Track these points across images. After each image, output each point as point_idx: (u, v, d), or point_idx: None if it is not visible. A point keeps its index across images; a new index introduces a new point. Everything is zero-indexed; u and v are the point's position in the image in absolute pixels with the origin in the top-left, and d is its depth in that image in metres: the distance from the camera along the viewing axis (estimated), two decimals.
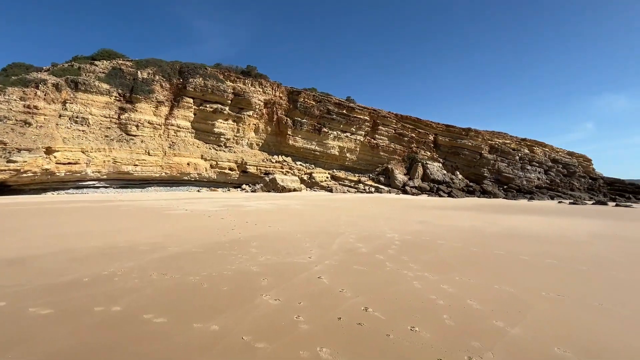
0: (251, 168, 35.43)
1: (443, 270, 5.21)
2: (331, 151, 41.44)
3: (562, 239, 8.63)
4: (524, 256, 6.31)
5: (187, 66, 35.49)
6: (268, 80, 39.76)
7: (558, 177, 43.01)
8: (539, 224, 11.98)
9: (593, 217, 15.05)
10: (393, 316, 3.38)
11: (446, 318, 3.36)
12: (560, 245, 7.68)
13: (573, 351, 2.73)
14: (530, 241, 8.09)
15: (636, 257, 6.52)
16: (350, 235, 8.31)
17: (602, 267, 5.59)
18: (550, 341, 2.90)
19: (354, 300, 3.83)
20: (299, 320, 3.26)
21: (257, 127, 38.97)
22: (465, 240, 8.05)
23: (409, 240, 7.89)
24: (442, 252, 6.65)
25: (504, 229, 10.34)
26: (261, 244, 7.03)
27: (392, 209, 17.20)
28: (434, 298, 3.93)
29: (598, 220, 13.63)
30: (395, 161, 43.04)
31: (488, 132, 45.57)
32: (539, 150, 46.06)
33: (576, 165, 45.90)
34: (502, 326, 3.19)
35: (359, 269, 5.17)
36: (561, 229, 10.53)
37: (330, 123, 40.90)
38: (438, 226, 10.68)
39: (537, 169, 43.76)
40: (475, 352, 2.70)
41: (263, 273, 4.84)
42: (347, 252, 6.44)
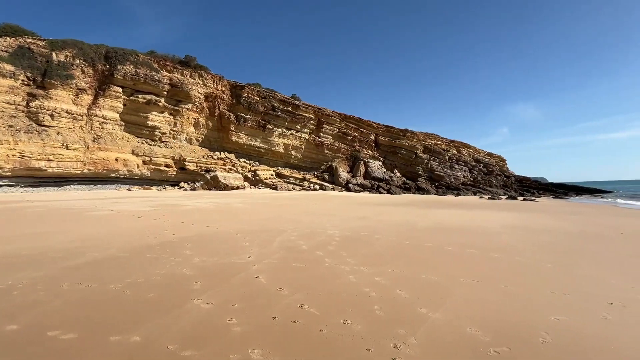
0: (190, 165, 33.43)
1: (378, 263, 5.49)
2: (276, 148, 41.01)
3: (481, 230, 9.71)
4: (449, 247, 6.96)
5: (115, 51, 32.02)
6: (209, 72, 37.79)
7: (480, 175, 48.31)
8: (463, 217, 13.32)
9: (505, 210, 17.23)
10: (327, 311, 3.46)
11: (377, 309, 3.53)
12: (478, 235, 8.63)
13: (482, 330, 3.07)
14: (454, 233, 8.95)
15: (534, 244, 7.61)
16: (292, 233, 8.31)
17: (508, 254, 6.41)
18: (464, 323, 3.23)
19: (290, 298, 3.83)
20: (231, 323, 3.15)
21: (197, 121, 36.86)
22: (400, 234, 8.60)
23: (348, 236, 8.16)
24: (378, 246, 7.01)
25: (433, 222, 11.28)
26: (197, 245, 6.66)
27: (335, 206, 17.65)
28: (367, 291, 4.11)
29: (509, 213, 15.63)
30: (339, 159, 44.19)
31: (422, 134, 49.24)
32: (464, 151, 51.18)
33: (494, 165, 52.02)
34: (425, 312, 3.46)
35: (298, 267, 5.20)
36: (480, 221, 11.84)
37: (275, 120, 40.42)
38: (377, 221, 11.23)
39: (463, 167, 48.60)
40: (400, 338, 2.88)
41: (196, 276, 4.59)
42: (288, 250, 6.43)
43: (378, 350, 2.69)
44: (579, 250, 7.00)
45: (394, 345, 2.77)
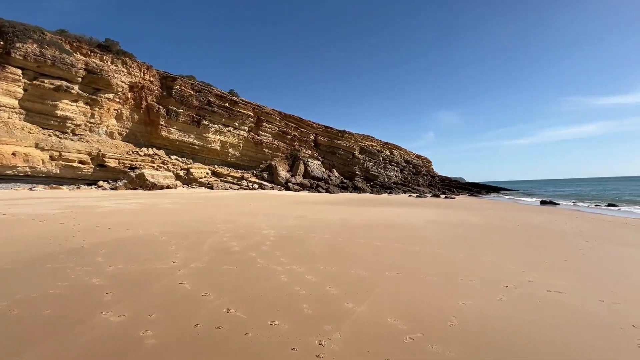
0: (111, 161, 29.99)
1: (310, 261, 5.55)
2: (212, 146, 39.04)
3: (407, 225, 10.50)
4: (378, 242, 7.37)
5: (13, 26, 27.11)
6: (135, 59, 34.31)
7: (409, 175, 52.32)
8: (393, 214, 14.26)
9: (429, 207, 18.93)
10: (255, 313, 3.37)
11: (306, 307, 3.56)
12: (405, 230, 9.31)
13: (401, 319, 3.30)
14: (384, 229, 9.52)
15: (451, 236, 8.49)
16: (225, 234, 7.97)
17: (429, 246, 7.04)
18: (386, 314, 3.43)
19: (216, 302, 3.64)
20: (146, 335, 2.87)
21: (120, 113, 33.23)
22: (334, 231, 8.84)
23: (284, 235, 8.11)
24: (313, 244, 7.10)
25: (366, 220, 11.85)
26: (113, 251, 5.97)
27: (273, 205, 17.45)
28: (298, 289, 4.12)
29: (432, 209, 17.21)
30: (279, 158, 43.88)
31: (359, 135, 51.49)
32: (397, 152, 54.93)
33: (422, 166, 56.84)
34: (351, 307, 3.59)
35: (228, 269, 4.99)
36: (408, 217, 12.81)
37: (211, 116, 38.43)
38: (313, 220, 11.38)
39: (395, 168, 52.12)
40: (325, 335, 2.94)
41: (108, 286, 4.09)
42: (219, 252, 6.14)
43: (303, 349, 2.70)
44: (485, 240, 8.00)
45: (319, 342, 2.80)
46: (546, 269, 5.38)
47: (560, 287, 4.39)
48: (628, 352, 2.75)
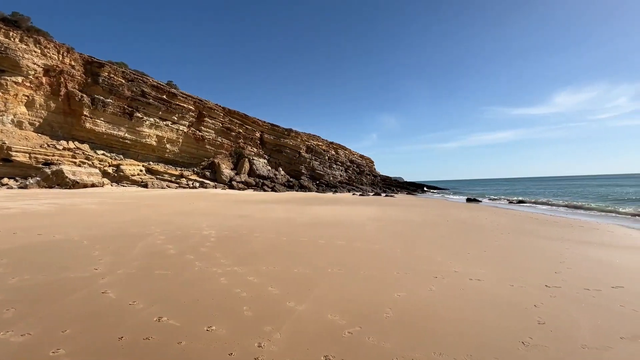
0: (20, 155, 25.98)
1: (253, 262, 5.41)
2: (147, 140, 36.00)
3: (350, 222, 10.85)
4: (321, 240, 7.49)
5: None
6: (51, 39, 30.06)
7: (354, 175, 54.21)
8: (338, 212, 14.63)
9: (371, 205, 19.84)
10: (191, 320, 3.17)
11: (246, 309, 3.45)
12: (348, 228, 9.61)
13: (341, 315, 3.38)
14: (328, 227, 9.71)
15: (389, 233, 8.99)
16: (160, 236, 7.39)
17: (369, 243, 7.36)
18: (327, 310, 3.49)
19: (146, 311, 3.35)
20: (57, 354, 2.51)
21: (31, 100, 28.87)
22: (279, 230, 8.76)
23: (226, 235, 7.80)
24: (256, 244, 6.94)
25: (311, 218, 11.97)
26: (17, 260, 5.14)
27: (216, 205, 16.70)
28: (238, 291, 3.99)
29: (374, 207, 18.06)
30: (222, 156, 42.17)
31: (305, 134, 51.83)
32: (342, 152, 56.50)
33: (365, 166, 59.29)
34: (292, 306, 3.58)
35: (161, 274, 4.62)
36: (352, 215, 13.25)
37: (146, 108, 35.39)
38: (258, 219, 11.14)
39: (340, 167, 53.58)
40: (265, 336, 2.88)
41: (10, 301, 3.51)
42: (151, 255, 5.66)
43: (241, 353, 2.61)
44: (420, 236, 8.63)
45: (258, 345, 2.74)
46: (469, 259, 5.99)
47: (480, 275, 4.92)
48: (529, 328, 3.17)
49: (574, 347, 2.81)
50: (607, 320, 3.36)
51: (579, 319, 3.39)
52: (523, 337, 2.96)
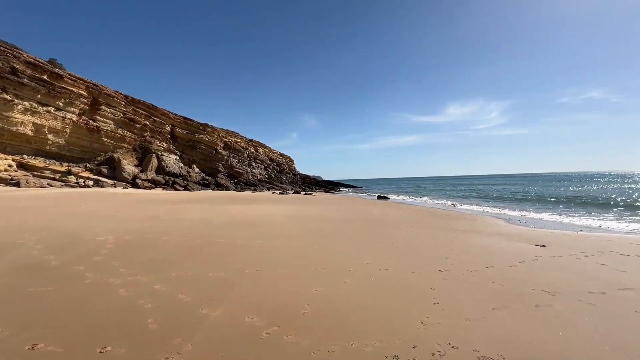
0: None
1: (161, 268, 4.90)
2: (19, 129, 29.44)
3: (269, 221, 10.75)
4: (240, 240, 7.23)
5: None
6: None
7: (274, 173, 53.92)
8: (256, 211, 14.32)
9: (291, 203, 20.04)
10: (77, 343, 2.69)
11: (151, 322, 3.10)
12: (267, 227, 9.50)
13: (259, 316, 3.31)
14: (247, 226, 9.43)
15: (308, 230, 9.21)
16: (37, 246, 6.11)
17: (289, 241, 7.41)
18: (244, 313, 3.37)
19: (14, 340, 2.72)
20: None
21: None
22: (193, 232, 8.13)
23: (127, 240, 6.89)
24: (166, 248, 6.31)
25: (229, 218, 11.46)
26: None
27: (115, 205, 14.60)
28: (142, 303, 3.55)
29: (293, 205, 18.27)
30: (124, 150, 37.23)
31: (223, 130, 49.38)
32: (261, 150, 55.58)
33: (285, 164, 59.53)
34: (206, 312, 3.36)
35: (39, 291, 3.82)
36: (271, 214, 13.13)
37: (18, 89, 28.89)
38: (168, 221, 10.16)
39: (260, 165, 52.69)
40: (174, 349, 2.63)
41: None
42: (25, 270, 4.64)
43: None
44: (337, 232, 9.06)
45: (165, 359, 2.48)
46: (379, 252, 6.54)
47: (388, 266, 5.41)
48: (426, 308, 3.62)
49: (459, 320, 3.31)
50: (483, 295, 4.05)
51: (463, 296, 4.02)
52: (422, 318, 3.36)
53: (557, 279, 4.79)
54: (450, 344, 2.81)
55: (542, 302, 3.85)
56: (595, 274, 5.10)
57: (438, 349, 2.72)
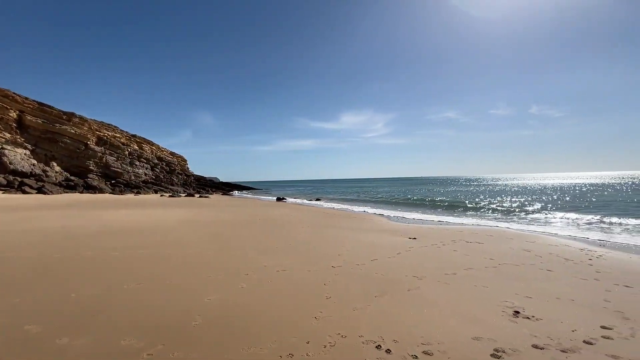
0: None
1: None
2: None
3: (157, 228, 9.59)
4: (115, 252, 6.21)
5: None
6: None
7: (162, 174, 48.43)
8: (140, 216, 12.58)
9: (183, 207, 18.36)
10: None
11: None
12: (155, 234, 8.45)
13: (137, 337, 2.91)
14: (126, 235, 8.18)
15: (203, 235, 8.61)
16: None
17: (180, 248, 6.77)
18: (120, 335, 2.91)
19: None
20: None
21: None
22: (50, 245, 6.59)
23: None
24: (7, 268, 4.93)
25: (101, 226, 9.73)
26: None
27: None
28: None
29: (186, 209, 16.79)
30: None
31: (96, 122, 41.80)
32: (147, 148, 49.20)
33: (176, 164, 54.20)
34: (66, 343, 2.76)
35: None
36: (160, 219, 11.73)
37: None
38: (13, 233, 8.00)
39: (145, 165, 46.56)
40: None
41: None
42: None
43: None
44: (234, 235, 8.73)
45: None
46: (278, 253, 6.59)
47: (286, 266, 5.50)
48: (320, 303, 3.83)
49: (348, 310, 3.62)
50: (367, 286, 4.53)
51: (352, 288, 4.41)
52: (316, 313, 3.53)
53: (422, 265, 5.75)
54: (340, 334, 3.04)
55: (413, 286, 4.56)
56: (449, 258, 6.32)
57: (329, 340, 2.91)
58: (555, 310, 3.73)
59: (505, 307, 3.77)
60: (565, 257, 6.50)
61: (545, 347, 2.85)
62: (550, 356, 2.70)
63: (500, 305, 3.86)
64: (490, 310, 3.71)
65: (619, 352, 2.77)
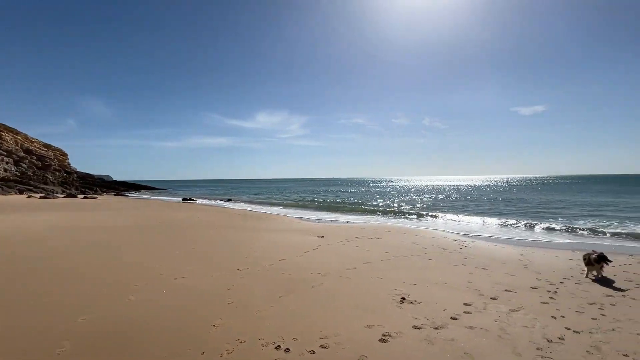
0: None
1: None
2: None
3: (22, 237, 7.79)
4: None
5: None
6: None
7: (31, 170, 39.61)
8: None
9: (61, 210, 15.32)
10: None
11: None
12: (16, 245, 6.84)
13: None
14: None
15: (86, 244, 7.33)
16: None
17: (52, 261, 5.62)
18: None
19: None
20: None
21: None
22: None
23: None
24: None
25: None
26: None
27: None
28: None
29: (65, 213, 14.05)
30: None
31: None
32: (9, 137, 39.57)
33: (52, 159, 45.01)
34: None
35: None
36: (22, 227, 9.52)
37: None
38: None
39: (6, 158, 37.38)
40: None
41: None
42: None
43: None
44: (128, 242, 7.67)
45: None
46: (177, 259, 6.05)
47: (186, 273, 5.08)
48: (220, 310, 3.65)
49: (250, 314, 3.53)
50: (273, 286, 4.52)
51: (257, 290, 4.33)
52: (215, 320, 3.34)
53: (328, 262, 6.03)
54: (239, 339, 2.94)
55: (317, 282, 4.73)
56: (352, 254, 6.79)
57: (227, 348, 2.78)
58: (433, 293, 4.35)
59: (395, 295, 4.24)
60: (443, 248, 7.68)
61: (422, 326, 3.29)
62: (425, 334, 3.13)
63: (390, 293, 4.31)
64: (382, 299, 4.11)
65: (474, 324, 3.38)
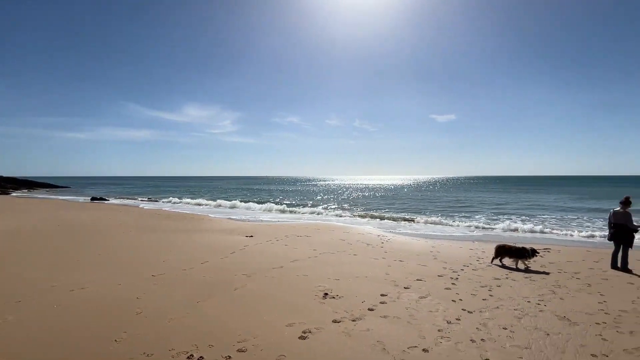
0: None
1: None
2: None
3: None
4: None
5: None
6: None
7: None
8: None
9: None
10: None
11: None
12: None
13: None
14: None
15: None
16: None
17: None
18: None
19: None
20: None
21: None
22: None
23: None
24: None
25: None
26: None
27: None
28: None
29: None
30: None
31: None
32: None
33: None
34: None
35: None
36: None
37: None
38: None
39: None
40: None
41: None
42: None
43: None
44: (11, 250, 6.42)
45: None
46: (79, 267, 5.25)
47: (86, 283, 4.43)
48: (126, 321, 3.26)
49: (162, 324, 3.23)
50: (191, 291, 4.22)
51: (172, 297, 3.99)
52: (118, 334, 2.97)
53: (254, 262, 5.88)
54: (145, 353, 2.66)
55: (240, 284, 4.57)
56: (279, 253, 6.74)
57: None
58: (353, 287, 4.56)
59: (318, 291, 4.32)
60: (367, 243, 8.14)
61: (341, 320, 3.41)
62: (344, 327, 3.25)
63: (314, 290, 4.38)
64: (306, 296, 4.15)
65: (388, 313, 3.63)
